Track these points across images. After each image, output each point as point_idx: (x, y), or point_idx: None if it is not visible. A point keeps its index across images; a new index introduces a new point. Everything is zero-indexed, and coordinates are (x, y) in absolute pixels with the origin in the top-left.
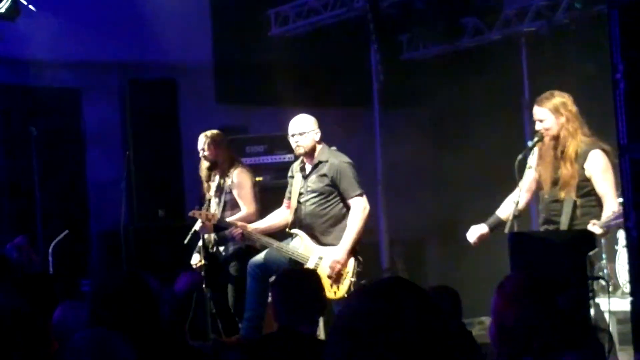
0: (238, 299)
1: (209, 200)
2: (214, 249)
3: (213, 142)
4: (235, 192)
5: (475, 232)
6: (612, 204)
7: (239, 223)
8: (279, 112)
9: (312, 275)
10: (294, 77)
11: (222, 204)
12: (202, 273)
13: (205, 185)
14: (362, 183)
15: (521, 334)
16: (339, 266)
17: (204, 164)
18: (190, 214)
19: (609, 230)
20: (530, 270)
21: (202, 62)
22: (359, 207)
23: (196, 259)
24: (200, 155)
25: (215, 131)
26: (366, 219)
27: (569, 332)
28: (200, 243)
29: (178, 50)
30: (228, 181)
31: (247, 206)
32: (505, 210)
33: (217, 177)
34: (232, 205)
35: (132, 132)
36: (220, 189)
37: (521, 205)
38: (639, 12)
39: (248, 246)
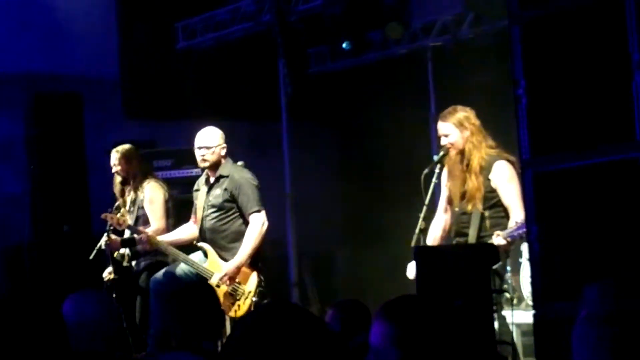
0: (145, 314)
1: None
2: (128, 263)
3: (124, 157)
4: (146, 207)
5: (413, 269)
6: (517, 214)
7: (149, 232)
8: (187, 126)
9: (206, 293)
10: (201, 90)
11: (134, 219)
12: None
13: (119, 200)
14: (262, 199)
15: None
16: (227, 280)
17: (117, 179)
18: (102, 216)
19: (514, 241)
20: (436, 284)
21: (108, 75)
22: (257, 223)
23: (107, 273)
24: (113, 171)
25: (126, 146)
26: (264, 235)
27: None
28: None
29: (84, 63)
30: (140, 196)
31: (156, 222)
32: (432, 235)
33: (131, 192)
34: (144, 220)
35: (36, 146)
36: (133, 204)
37: (447, 226)
38: (541, 28)
39: (159, 261)
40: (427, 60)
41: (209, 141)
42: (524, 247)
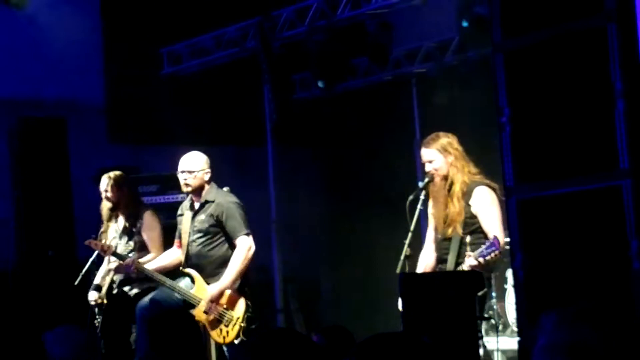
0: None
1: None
2: (117, 290)
3: (116, 183)
4: (144, 235)
5: None
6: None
7: (133, 258)
8: (172, 152)
9: (184, 320)
10: (187, 116)
11: (132, 245)
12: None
13: (104, 225)
14: (249, 223)
15: None
16: (212, 305)
17: (106, 205)
18: (86, 243)
19: (489, 263)
20: (421, 311)
21: (93, 100)
22: (244, 247)
23: (94, 296)
24: (103, 196)
25: (118, 172)
26: (250, 259)
27: None
28: (97, 280)
29: (69, 89)
30: (138, 223)
31: (155, 250)
32: (422, 265)
33: (120, 219)
34: (140, 247)
35: (20, 171)
36: (127, 231)
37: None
38: (524, 57)
39: (151, 287)
40: (411, 87)
41: (191, 165)
42: (509, 274)
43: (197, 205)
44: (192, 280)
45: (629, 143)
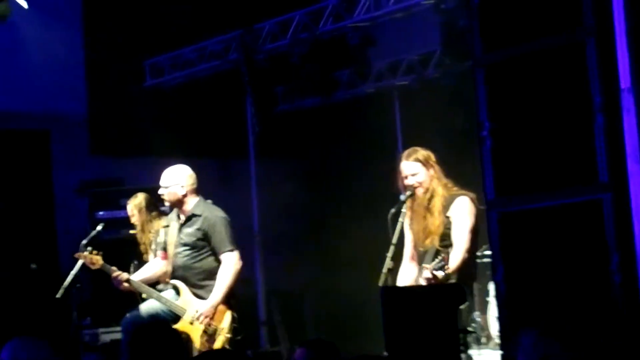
0: None
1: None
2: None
3: (136, 208)
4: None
5: None
6: (456, 253)
7: (121, 272)
8: (155, 163)
9: (166, 331)
10: (169, 128)
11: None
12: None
13: (141, 246)
14: (236, 238)
15: None
16: (206, 320)
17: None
18: (76, 255)
19: (448, 277)
20: (403, 324)
21: (76, 113)
22: (230, 263)
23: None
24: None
25: (139, 196)
26: (238, 274)
27: None
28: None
29: (51, 101)
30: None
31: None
32: (400, 283)
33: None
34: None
35: (3, 183)
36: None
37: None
38: (505, 71)
39: None
40: (394, 99)
41: (165, 181)
42: (491, 286)
43: (183, 217)
44: (177, 292)
45: (609, 157)
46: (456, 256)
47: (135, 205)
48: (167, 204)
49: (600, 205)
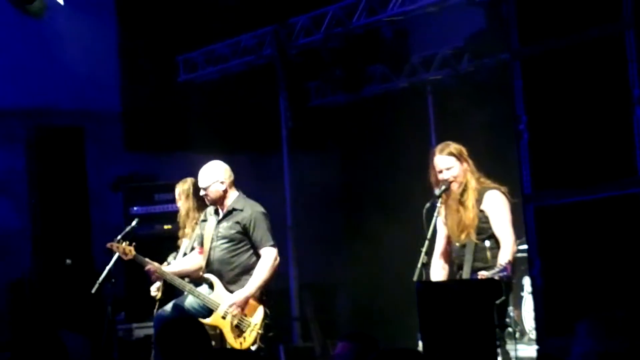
0: None
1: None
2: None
3: (183, 192)
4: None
5: None
6: (505, 249)
7: (154, 263)
8: (188, 159)
9: (192, 327)
10: (203, 123)
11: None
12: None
13: (181, 231)
14: (274, 233)
15: None
16: (236, 310)
17: (182, 211)
18: (108, 245)
19: (510, 278)
20: (438, 320)
21: (110, 108)
22: (270, 257)
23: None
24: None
25: (187, 181)
26: (275, 270)
27: None
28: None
29: (86, 97)
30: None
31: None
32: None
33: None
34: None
35: (37, 180)
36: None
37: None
38: (542, 64)
39: None
40: (427, 94)
41: (203, 181)
42: (526, 281)
43: (222, 212)
44: (211, 286)
45: None
46: (507, 251)
47: (183, 190)
48: (210, 202)
49: (637, 199)
